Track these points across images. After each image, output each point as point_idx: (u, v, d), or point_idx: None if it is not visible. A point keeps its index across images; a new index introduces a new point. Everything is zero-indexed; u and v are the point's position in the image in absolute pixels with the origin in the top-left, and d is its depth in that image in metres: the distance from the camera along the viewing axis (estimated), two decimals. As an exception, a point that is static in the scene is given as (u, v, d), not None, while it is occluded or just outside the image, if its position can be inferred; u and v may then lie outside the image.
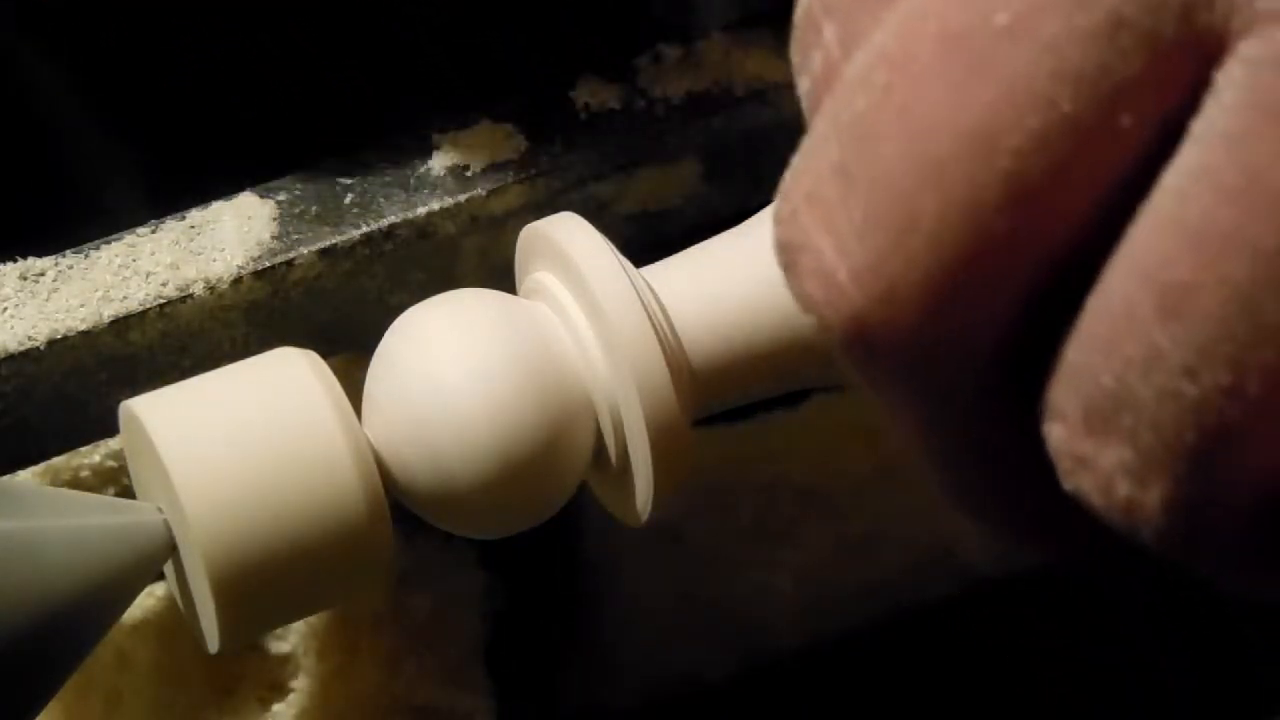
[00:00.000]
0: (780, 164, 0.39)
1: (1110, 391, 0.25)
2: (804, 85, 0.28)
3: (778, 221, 0.27)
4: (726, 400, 0.38)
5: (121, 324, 0.38)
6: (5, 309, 0.38)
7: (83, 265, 0.38)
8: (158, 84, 0.48)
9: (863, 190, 0.26)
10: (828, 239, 0.26)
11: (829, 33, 0.27)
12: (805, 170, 0.27)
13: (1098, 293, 0.25)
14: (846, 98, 0.26)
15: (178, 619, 0.43)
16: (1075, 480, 0.26)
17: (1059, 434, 0.26)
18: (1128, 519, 0.25)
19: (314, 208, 0.39)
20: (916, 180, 0.25)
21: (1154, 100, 0.25)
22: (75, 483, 0.42)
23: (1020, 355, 0.27)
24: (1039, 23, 0.25)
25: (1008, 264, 0.26)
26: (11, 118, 0.49)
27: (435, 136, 0.40)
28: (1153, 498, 0.25)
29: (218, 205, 0.39)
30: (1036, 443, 0.27)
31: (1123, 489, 0.25)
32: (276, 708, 0.45)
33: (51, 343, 0.37)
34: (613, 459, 0.37)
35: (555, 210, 0.38)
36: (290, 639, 0.45)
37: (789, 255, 0.27)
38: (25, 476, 0.40)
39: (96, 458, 0.42)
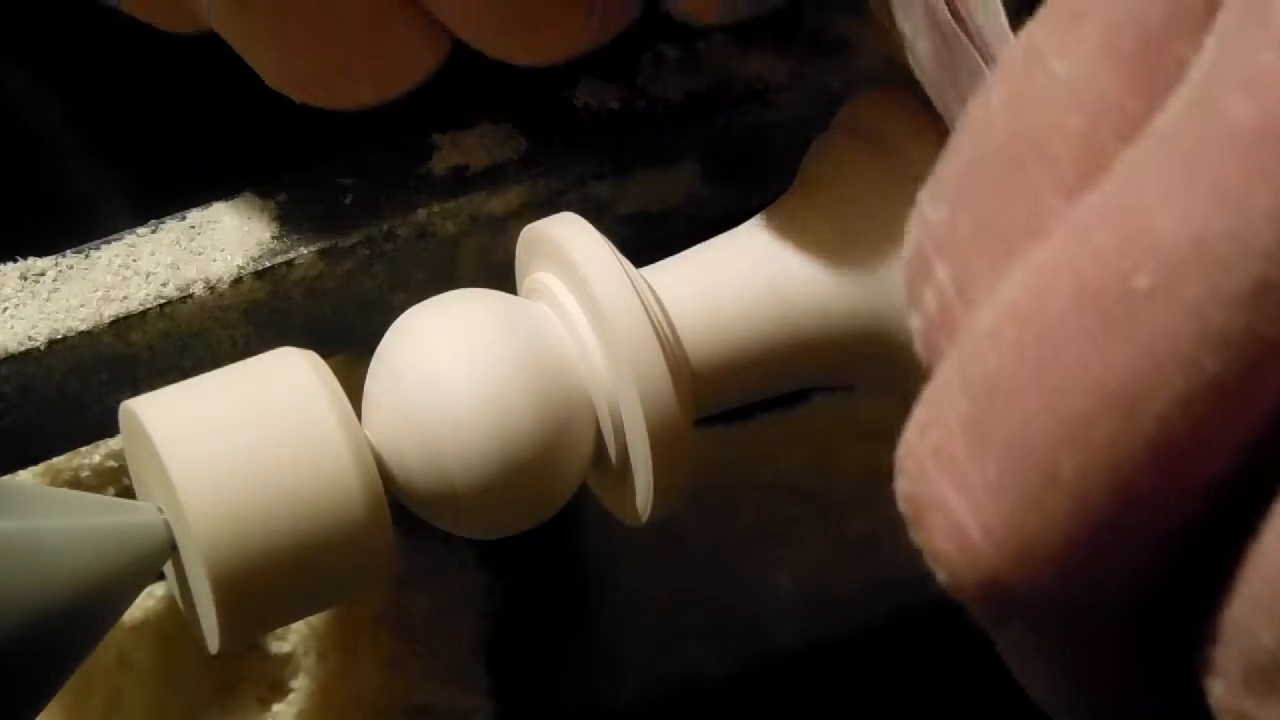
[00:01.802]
0: (781, 164, 0.39)
1: (1271, 651, 0.25)
2: (916, 322, 0.28)
3: (902, 474, 0.27)
4: (726, 400, 0.38)
5: (121, 324, 0.38)
6: (5, 309, 0.38)
7: (83, 265, 0.38)
8: (158, 84, 0.48)
9: (996, 447, 0.26)
10: (958, 495, 0.26)
11: (942, 273, 0.27)
12: (931, 423, 0.27)
13: (1256, 553, 0.25)
14: (974, 351, 0.26)
15: (178, 619, 0.43)
16: None
17: (1219, 690, 0.26)
18: None
19: (314, 208, 0.39)
20: (1055, 438, 0.25)
21: None
22: (75, 483, 0.42)
23: (1162, 612, 0.27)
24: (1181, 286, 0.24)
25: (1150, 523, 0.25)
26: (11, 118, 0.49)
27: (435, 136, 0.40)
28: None
29: (218, 205, 0.39)
30: (1174, 696, 0.27)
31: None
32: (276, 708, 0.45)
33: (51, 343, 0.37)
34: (613, 459, 0.37)
35: (555, 210, 0.38)
36: (290, 639, 0.45)
37: (916, 509, 0.27)
38: (25, 476, 0.40)
39: (96, 458, 0.42)
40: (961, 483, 0.26)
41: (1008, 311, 0.26)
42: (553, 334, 0.36)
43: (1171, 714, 0.28)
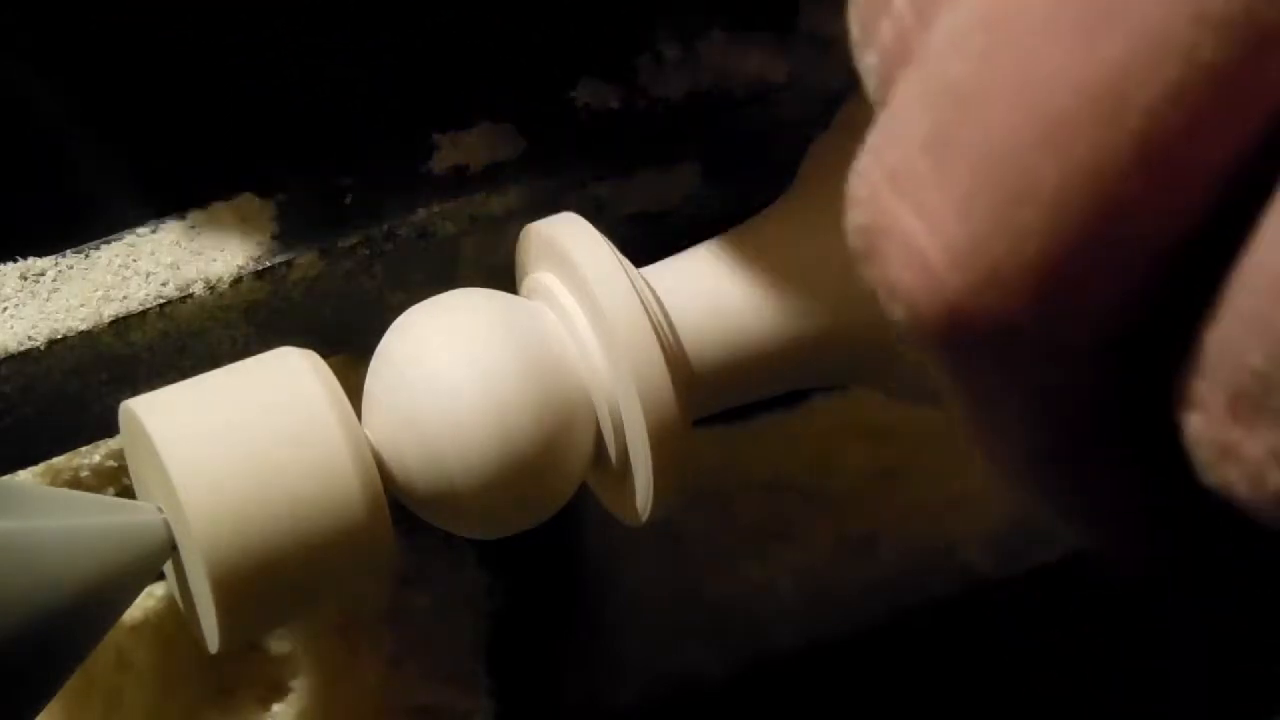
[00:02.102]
0: (781, 164, 0.39)
1: (1260, 371, 0.22)
2: (869, 59, 0.25)
3: (854, 204, 0.25)
4: (726, 400, 0.38)
5: (121, 324, 0.38)
6: (5, 309, 0.38)
7: (83, 265, 0.38)
8: (158, 84, 0.48)
9: (963, 161, 0.23)
10: (918, 220, 0.24)
11: (900, 1, 0.25)
12: (886, 146, 0.24)
13: (1245, 266, 0.23)
14: (937, 65, 0.24)
15: (178, 619, 0.43)
16: (1220, 472, 0.23)
17: (1198, 423, 0.23)
18: None
19: (314, 208, 0.39)
20: (1032, 144, 0.23)
21: None
22: (75, 483, 0.42)
23: (1140, 340, 0.24)
24: None
25: (1136, 235, 0.23)
26: (11, 118, 0.49)
27: (435, 136, 0.40)
28: None
29: (218, 205, 0.39)
30: (1150, 436, 0.25)
31: (1275, 478, 0.23)
32: (276, 708, 0.45)
33: (51, 343, 0.37)
34: (613, 459, 0.37)
35: (555, 210, 0.38)
36: (290, 639, 0.45)
37: (869, 239, 0.24)
38: (25, 476, 0.40)
39: (96, 458, 0.42)
40: (922, 204, 0.24)
41: (977, 15, 0.24)
42: (553, 334, 0.36)
43: (1147, 465, 0.25)
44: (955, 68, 0.24)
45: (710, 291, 0.37)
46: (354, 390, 0.36)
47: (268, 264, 0.38)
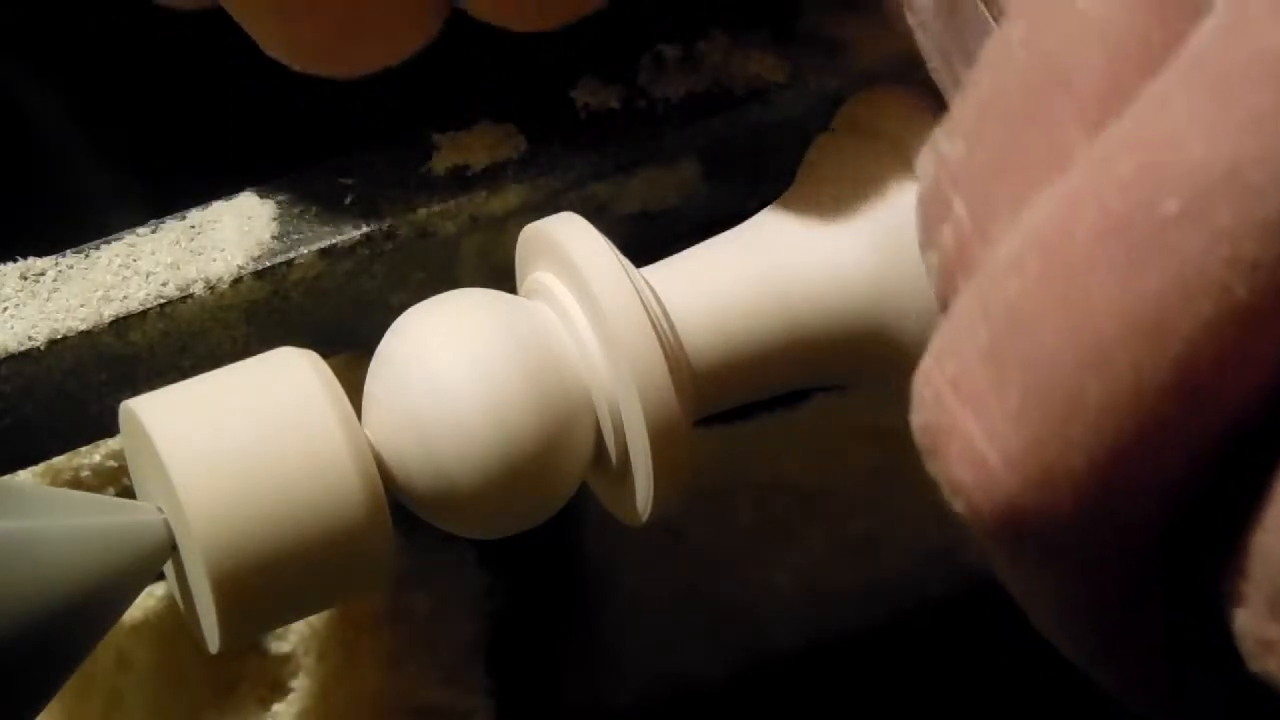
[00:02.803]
0: (781, 164, 0.39)
1: None
2: (932, 260, 0.28)
3: (920, 405, 0.27)
4: (727, 400, 0.38)
5: (122, 324, 0.38)
6: (5, 309, 0.38)
7: (83, 265, 0.38)
8: (158, 84, 0.48)
9: (1018, 374, 0.26)
10: (978, 423, 0.26)
11: (960, 208, 0.27)
12: (949, 354, 0.27)
13: None
14: (996, 281, 0.26)
15: (178, 619, 0.43)
16: (1262, 664, 0.25)
17: (1243, 619, 0.26)
18: None
19: (314, 208, 0.39)
20: (1079, 365, 0.25)
21: None
22: (75, 483, 0.42)
23: (1182, 539, 0.26)
24: (1211, 211, 0.24)
25: (1174, 450, 0.25)
26: (10, 118, 0.49)
27: (435, 136, 0.40)
28: None
29: (218, 205, 0.39)
30: (1191, 623, 0.27)
31: None
32: (276, 708, 0.45)
33: (51, 343, 0.37)
34: (613, 459, 0.37)
35: (555, 210, 0.38)
36: (290, 639, 0.45)
37: (934, 439, 0.27)
38: (25, 476, 0.40)
39: (96, 458, 0.42)
40: (981, 411, 0.26)
41: (1031, 241, 0.26)
42: (553, 334, 0.36)
43: (1187, 647, 0.28)
44: (1012, 287, 0.26)
45: (710, 292, 0.37)
46: (354, 390, 0.36)
47: (268, 264, 0.38)
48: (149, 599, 0.44)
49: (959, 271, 0.27)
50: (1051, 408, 0.25)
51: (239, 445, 0.34)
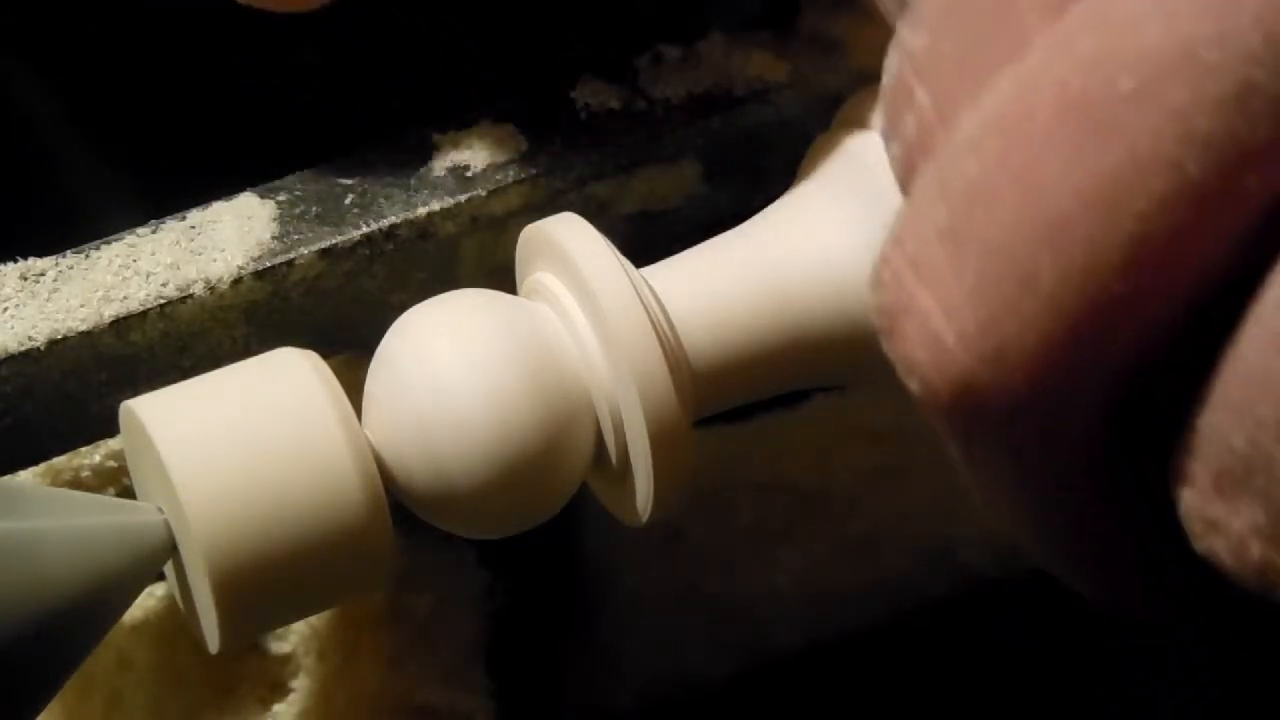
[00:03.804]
0: (781, 164, 0.39)
1: (1242, 454, 0.25)
2: (894, 150, 0.28)
3: (877, 286, 0.27)
4: (727, 400, 0.38)
5: (122, 324, 0.38)
6: (5, 309, 0.38)
7: (83, 265, 0.38)
8: (158, 84, 0.48)
9: (975, 252, 0.26)
10: (934, 303, 0.26)
11: (922, 97, 0.28)
12: (908, 235, 0.27)
13: (1230, 357, 0.25)
14: (955, 161, 0.26)
15: (178, 619, 0.43)
16: (1207, 543, 0.26)
17: (1189, 498, 0.26)
18: (1261, 581, 0.25)
19: (314, 208, 0.39)
20: (1034, 241, 0.26)
21: None
22: (75, 483, 0.42)
23: (1133, 418, 0.27)
24: (1166, 89, 0.25)
25: (1126, 326, 0.26)
26: (10, 118, 0.49)
27: (435, 136, 0.40)
28: None
29: (218, 205, 0.39)
30: (1144, 504, 0.27)
31: (1256, 551, 0.25)
32: (276, 708, 0.45)
33: (52, 343, 0.37)
34: (613, 459, 0.37)
35: (555, 210, 0.38)
36: (290, 639, 0.45)
37: (890, 319, 0.27)
38: (25, 476, 0.40)
39: (96, 458, 0.42)
40: (938, 289, 0.26)
41: (990, 120, 0.26)
42: (553, 334, 0.36)
43: (1136, 528, 0.28)
44: (970, 166, 0.26)
45: (710, 291, 0.37)
46: (354, 390, 0.36)
47: (268, 264, 0.38)
48: (149, 599, 0.44)
49: (920, 158, 0.28)
50: (1006, 284, 0.26)
51: (239, 445, 0.34)
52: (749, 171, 0.41)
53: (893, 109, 0.28)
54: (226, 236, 0.39)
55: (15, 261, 0.38)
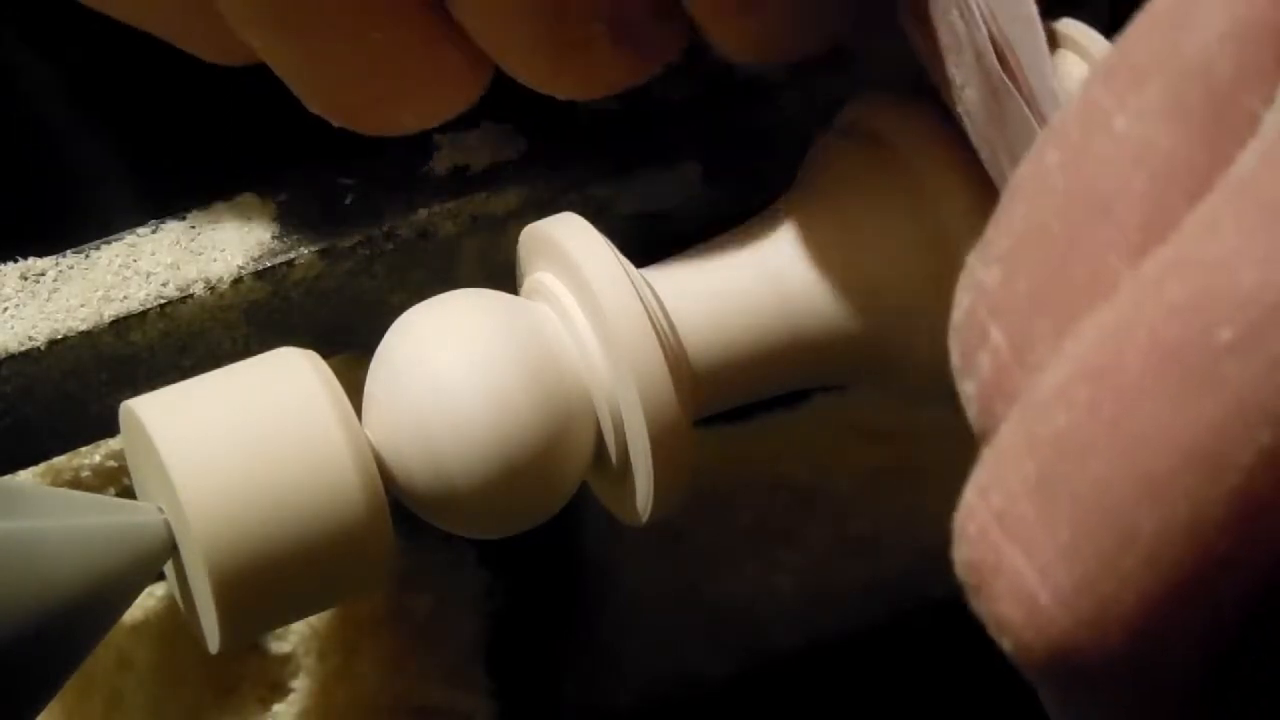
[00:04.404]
0: (781, 164, 0.39)
1: None
2: (968, 389, 0.27)
3: (963, 541, 0.27)
4: (727, 400, 0.38)
5: (122, 324, 0.38)
6: (5, 309, 0.38)
7: (83, 265, 0.38)
8: (158, 84, 0.48)
9: (1068, 507, 0.25)
10: (1026, 559, 0.26)
11: (997, 336, 0.27)
12: (994, 487, 0.26)
13: None
14: (1041, 412, 0.26)
15: (178, 619, 0.43)
16: None
17: None
18: None
19: (314, 208, 0.39)
20: (1132, 498, 0.25)
21: None
22: (75, 483, 0.42)
23: (1235, 672, 0.26)
24: (1266, 340, 0.24)
25: (1230, 585, 0.25)
26: (11, 118, 0.49)
27: (435, 136, 0.40)
28: None
29: (218, 205, 0.39)
30: None
31: None
32: (277, 708, 0.45)
33: (52, 343, 0.37)
34: (613, 459, 0.37)
35: (555, 210, 0.38)
36: (290, 639, 0.45)
37: (979, 575, 0.26)
38: (25, 476, 0.40)
39: (96, 458, 0.42)
40: (1030, 547, 0.25)
41: (1078, 370, 0.25)
42: (553, 334, 0.36)
43: None
44: (1060, 417, 0.25)
45: (710, 291, 0.37)
46: (354, 390, 0.36)
47: (268, 264, 0.38)
48: (149, 599, 0.44)
49: (997, 399, 0.27)
50: (1104, 542, 0.25)
51: (239, 445, 0.34)
52: (749, 171, 0.41)
53: (966, 346, 0.27)
54: (226, 236, 0.39)
55: (15, 261, 0.38)
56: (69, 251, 0.38)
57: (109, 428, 0.38)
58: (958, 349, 0.28)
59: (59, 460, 0.41)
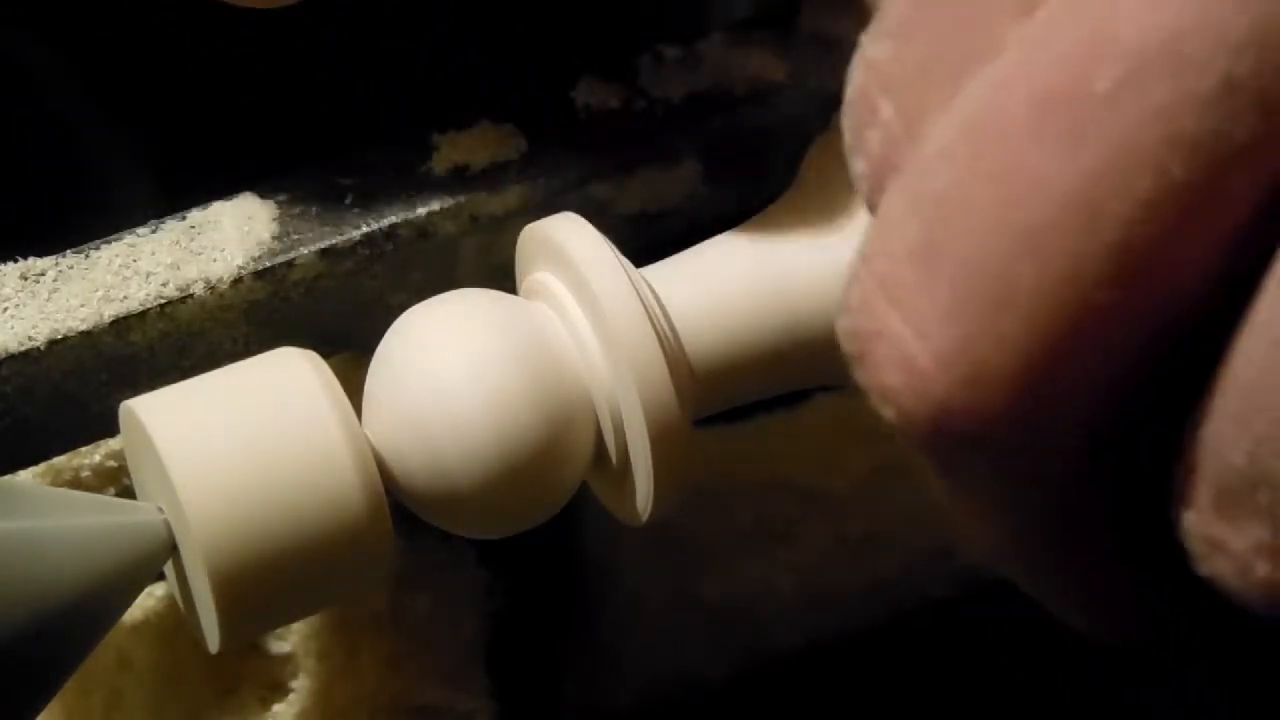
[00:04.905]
0: (781, 164, 0.39)
1: (1242, 470, 0.24)
2: (859, 166, 0.27)
3: (846, 310, 0.26)
4: (727, 400, 0.38)
5: (122, 324, 0.38)
6: (5, 309, 0.38)
7: (83, 265, 0.38)
8: (158, 84, 0.48)
9: (948, 268, 0.25)
10: (906, 324, 0.25)
11: (887, 111, 0.26)
12: (876, 254, 0.25)
13: (1225, 370, 0.24)
14: (924, 173, 0.25)
15: (178, 619, 0.43)
16: (1210, 565, 0.24)
17: (1189, 519, 0.24)
18: (1267, 600, 0.24)
19: (314, 208, 0.39)
20: (1010, 252, 0.24)
21: (1269, 161, 0.23)
22: (75, 483, 0.42)
23: (1124, 438, 0.25)
24: (1146, 87, 0.23)
25: (1110, 340, 0.24)
26: (11, 118, 0.49)
27: (435, 136, 0.40)
28: None
29: (218, 205, 0.39)
30: (1137, 529, 0.26)
31: (1261, 570, 0.24)
32: (277, 708, 0.45)
33: (52, 343, 0.37)
34: (613, 459, 0.37)
35: (555, 210, 0.38)
36: (290, 639, 0.45)
37: (861, 344, 0.26)
38: (25, 476, 0.40)
39: (96, 458, 0.42)
40: (910, 310, 0.25)
41: (961, 126, 0.25)
42: (553, 334, 0.36)
43: (1130, 554, 0.27)
44: (941, 176, 0.25)
45: (710, 291, 0.37)
46: (354, 390, 0.36)
47: (268, 264, 0.38)
48: (149, 599, 0.44)
49: (887, 174, 0.26)
50: (983, 300, 0.24)
51: (239, 445, 0.34)
52: (749, 171, 0.41)
53: (856, 125, 0.27)
54: (226, 236, 0.39)
55: (15, 261, 0.38)
56: (69, 251, 0.38)
57: (109, 428, 0.38)
58: (849, 127, 0.27)
59: (59, 460, 0.40)
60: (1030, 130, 0.24)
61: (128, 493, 0.38)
